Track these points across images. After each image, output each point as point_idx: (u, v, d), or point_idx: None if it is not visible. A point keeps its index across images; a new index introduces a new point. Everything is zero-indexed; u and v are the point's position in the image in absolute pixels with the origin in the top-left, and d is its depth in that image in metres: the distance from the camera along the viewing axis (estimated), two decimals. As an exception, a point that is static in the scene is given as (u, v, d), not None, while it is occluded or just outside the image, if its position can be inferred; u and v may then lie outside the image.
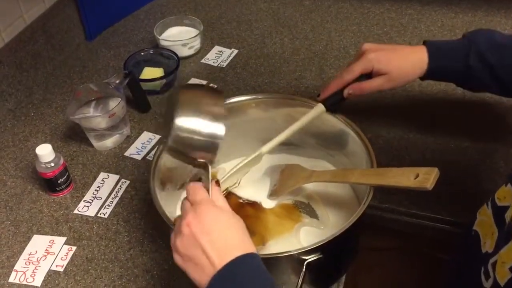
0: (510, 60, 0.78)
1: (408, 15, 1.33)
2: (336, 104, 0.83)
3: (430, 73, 0.81)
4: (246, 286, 0.54)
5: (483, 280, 0.58)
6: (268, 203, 0.85)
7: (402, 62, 0.82)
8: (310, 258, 0.66)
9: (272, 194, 0.86)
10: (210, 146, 0.62)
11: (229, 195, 0.87)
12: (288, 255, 0.65)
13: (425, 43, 0.82)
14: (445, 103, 1.07)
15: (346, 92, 0.82)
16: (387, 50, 0.83)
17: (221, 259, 0.55)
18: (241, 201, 0.86)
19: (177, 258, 0.59)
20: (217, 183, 0.63)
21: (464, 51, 0.79)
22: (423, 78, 0.83)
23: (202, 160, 0.63)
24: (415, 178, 0.64)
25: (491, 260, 0.58)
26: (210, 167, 0.63)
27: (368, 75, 0.82)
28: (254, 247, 0.57)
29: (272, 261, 0.68)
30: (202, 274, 0.56)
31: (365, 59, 0.81)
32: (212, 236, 0.56)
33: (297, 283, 0.66)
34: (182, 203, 0.62)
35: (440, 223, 0.86)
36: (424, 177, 0.63)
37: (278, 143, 0.82)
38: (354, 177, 0.74)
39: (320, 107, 0.82)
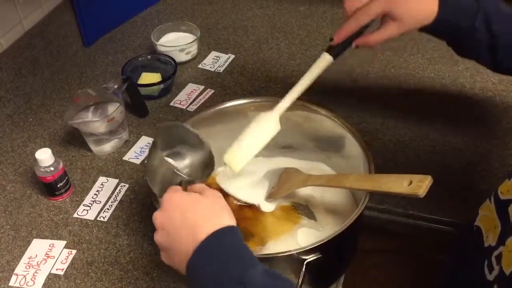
0: (510, 29, 0.77)
1: (402, 20, 1.34)
2: (342, 52, 0.82)
3: (435, 24, 0.77)
4: (229, 261, 0.54)
5: (486, 273, 0.59)
6: (267, 207, 0.86)
7: (415, 7, 0.77)
8: (310, 258, 0.67)
9: (270, 197, 0.87)
10: None
11: (227, 198, 0.88)
12: (288, 254, 0.66)
13: None
14: (440, 105, 1.08)
15: (354, 44, 0.81)
16: None
17: (194, 239, 0.55)
18: (239, 203, 0.87)
19: (162, 255, 0.60)
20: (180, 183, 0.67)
21: (473, 12, 0.76)
22: (423, 29, 0.80)
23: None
24: (408, 185, 0.65)
25: (495, 253, 0.59)
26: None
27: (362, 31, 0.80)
28: (234, 218, 0.58)
29: (272, 261, 0.69)
30: (181, 259, 0.56)
31: (381, 1, 0.77)
32: (175, 222, 0.57)
33: (297, 283, 0.66)
34: None
35: (436, 224, 0.87)
36: (417, 184, 0.64)
37: (293, 100, 0.82)
38: (349, 182, 0.75)
39: (328, 58, 0.81)
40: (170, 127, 0.75)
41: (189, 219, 0.57)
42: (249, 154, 0.81)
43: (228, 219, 0.58)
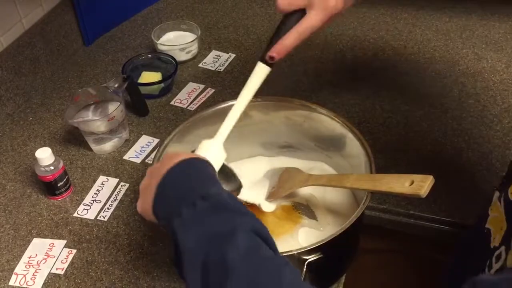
0: None
1: (403, 19, 1.34)
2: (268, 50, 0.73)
3: None
4: (195, 183, 0.52)
5: (486, 273, 0.59)
6: (267, 207, 0.86)
7: None
8: (311, 258, 0.66)
9: (270, 196, 0.87)
10: None
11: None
12: (289, 255, 0.66)
13: None
14: (440, 106, 1.08)
15: (268, 58, 0.71)
16: None
17: (167, 166, 0.54)
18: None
19: (138, 203, 0.59)
20: None
21: None
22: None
23: None
24: (410, 185, 0.64)
25: (496, 253, 0.59)
26: None
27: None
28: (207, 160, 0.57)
29: (273, 261, 0.69)
30: (152, 186, 0.54)
31: (329, 10, 0.68)
32: (160, 165, 0.56)
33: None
34: None
35: (437, 224, 0.87)
36: (418, 184, 0.63)
37: (231, 126, 0.75)
38: (350, 182, 0.75)
39: (264, 68, 0.73)
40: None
41: (170, 159, 0.56)
42: None
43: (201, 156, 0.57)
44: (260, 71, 0.73)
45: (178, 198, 0.51)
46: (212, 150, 0.70)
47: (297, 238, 0.80)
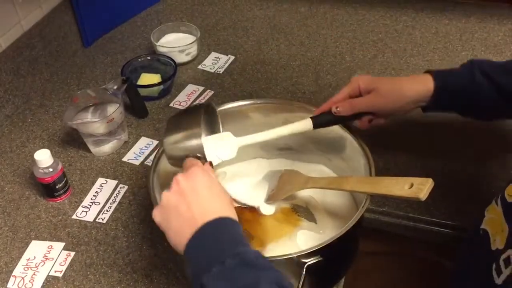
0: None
1: (403, 21, 1.34)
2: (326, 123, 0.81)
3: (436, 97, 0.76)
4: (226, 244, 0.55)
5: (494, 277, 0.59)
6: (267, 210, 0.86)
7: (394, 81, 0.79)
8: (310, 261, 0.66)
9: (269, 199, 0.86)
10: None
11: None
12: (288, 258, 0.66)
13: (427, 71, 0.79)
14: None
15: (333, 109, 0.79)
16: (382, 78, 0.81)
17: (204, 218, 0.56)
18: (239, 205, 0.86)
19: (157, 214, 0.61)
20: (210, 164, 0.70)
21: (468, 70, 0.77)
22: (425, 108, 0.79)
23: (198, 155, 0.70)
24: (409, 188, 0.64)
25: (503, 256, 0.58)
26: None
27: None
28: (237, 217, 0.59)
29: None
30: (182, 231, 0.57)
31: (351, 81, 0.81)
32: (199, 195, 0.59)
33: (297, 286, 0.66)
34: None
35: (437, 227, 0.87)
36: (418, 188, 0.63)
37: (255, 142, 0.79)
38: (349, 185, 0.75)
39: (308, 123, 0.80)
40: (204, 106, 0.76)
41: (207, 197, 0.59)
42: None
43: (233, 215, 0.60)
44: (304, 123, 0.80)
45: (209, 256, 0.55)
46: (229, 144, 0.76)
47: (296, 241, 0.80)
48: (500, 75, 0.76)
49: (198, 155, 0.70)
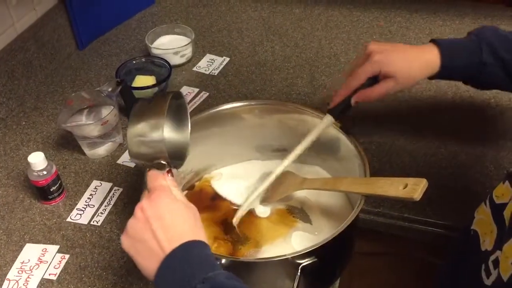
0: None
1: (397, 22, 1.35)
2: (344, 112, 0.82)
3: (442, 73, 0.79)
4: (195, 269, 0.54)
5: (483, 278, 0.59)
6: (262, 212, 0.86)
7: (410, 63, 0.79)
8: (305, 262, 0.66)
9: (264, 200, 0.87)
10: (159, 150, 0.64)
11: (222, 201, 0.87)
12: (283, 259, 0.66)
13: (433, 41, 0.80)
14: (434, 108, 1.08)
15: (353, 101, 0.81)
16: (394, 51, 0.80)
17: (171, 245, 0.55)
18: (235, 207, 0.86)
19: (125, 242, 0.59)
20: (169, 171, 0.65)
21: (476, 48, 0.77)
22: (432, 77, 0.81)
23: (161, 161, 0.65)
24: (403, 188, 0.65)
25: (492, 258, 0.59)
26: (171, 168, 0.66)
27: (374, 78, 0.80)
28: (206, 238, 0.58)
29: (267, 265, 0.69)
30: (150, 258, 0.56)
31: (371, 63, 0.79)
32: (164, 221, 0.57)
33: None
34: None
35: (432, 227, 0.87)
36: (412, 188, 0.64)
37: (294, 158, 0.83)
38: (344, 186, 0.75)
39: (329, 119, 0.81)
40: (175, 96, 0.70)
41: (172, 222, 0.57)
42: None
43: (203, 237, 0.58)
44: (324, 121, 0.82)
45: (179, 283, 0.54)
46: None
47: (291, 242, 0.80)
48: (507, 51, 0.76)
49: (162, 162, 0.65)
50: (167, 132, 0.67)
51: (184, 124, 0.72)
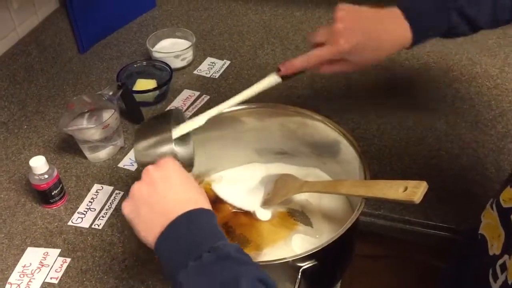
0: (487, 10, 0.75)
1: (398, 25, 1.35)
2: (292, 77, 0.80)
3: (412, 45, 0.75)
4: (202, 237, 0.52)
5: (491, 282, 0.59)
6: (263, 215, 0.86)
7: (380, 52, 0.76)
8: (305, 265, 0.66)
9: (265, 203, 0.87)
10: None
11: (222, 204, 0.87)
12: (283, 262, 0.66)
13: (401, 9, 0.74)
14: (434, 111, 1.08)
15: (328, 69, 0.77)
16: (365, 40, 0.73)
17: (176, 209, 0.53)
18: (235, 210, 0.86)
19: (128, 207, 0.57)
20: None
21: (444, 11, 0.75)
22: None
23: None
24: (403, 191, 0.64)
25: (499, 262, 0.58)
26: None
27: None
28: (211, 209, 0.57)
29: (268, 268, 0.68)
30: (153, 223, 0.54)
31: (337, 46, 0.73)
32: (172, 184, 0.55)
33: (291, 290, 0.66)
34: None
35: (432, 229, 0.87)
36: (412, 191, 0.63)
37: (228, 106, 0.78)
38: (344, 189, 0.75)
39: (275, 78, 0.80)
40: (173, 112, 0.73)
41: (165, 195, 0.56)
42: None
43: (206, 204, 0.56)
44: (269, 78, 0.81)
45: (185, 251, 0.52)
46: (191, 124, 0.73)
47: (292, 245, 0.80)
48: (474, 7, 0.75)
49: None
50: (176, 146, 0.69)
51: (186, 139, 0.75)
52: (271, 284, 0.51)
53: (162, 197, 0.55)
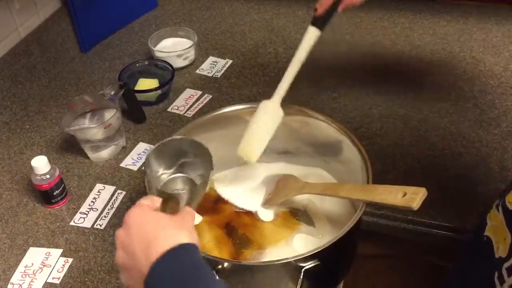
0: None
1: (401, 24, 1.34)
2: (327, 21, 0.82)
3: None
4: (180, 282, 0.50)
5: (497, 284, 0.58)
6: (265, 215, 0.85)
7: None
8: (308, 265, 0.66)
9: (266, 203, 0.86)
10: None
11: (225, 204, 0.87)
12: (286, 262, 0.65)
13: None
14: (438, 110, 1.07)
15: (340, 9, 0.81)
16: None
17: (147, 259, 0.51)
18: (237, 210, 0.86)
19: (123, 277, 0.56)
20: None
21: None
22: None
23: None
24: (402, 197, 0.65)
25: (506, 265, 0.58)
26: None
27: None
28: (183, 232, 0.53)
29: (270, 269, 0.68)
30: (136, 278, 0.52)
31: None
32: (133, 236, 0.53)
33: (294, 292, 0.66)
34: None
35: (435, 229, 0.87)
36: (411, 197, 0.64)
37: (289, 83, 0.83)
38: (344, 192, 0.75)
39: (315, 32, 0.82)
40: (165, 144, 0.75)
41: (143, 235, 0.53)
42: (262, 143, 0.80)
43: (185, 236, 0.53)
44: (308, 35, 0.82)
45: None
46: (273, 107, 0.81)
47: (294, 245, 0.79)
48: None
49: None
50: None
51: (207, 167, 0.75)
52: None
53: (131, 255, 0.53)
